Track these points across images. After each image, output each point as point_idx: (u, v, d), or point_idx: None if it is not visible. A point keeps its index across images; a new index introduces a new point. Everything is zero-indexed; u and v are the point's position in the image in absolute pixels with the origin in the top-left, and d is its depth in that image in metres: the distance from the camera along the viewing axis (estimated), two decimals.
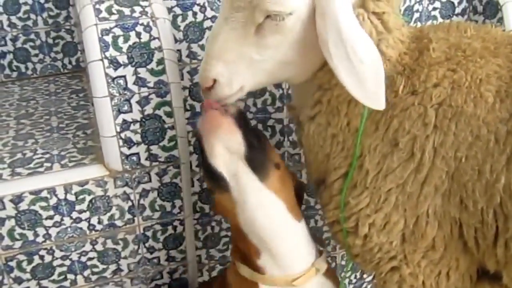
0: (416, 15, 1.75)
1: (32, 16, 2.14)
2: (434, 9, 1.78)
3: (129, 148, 1.53)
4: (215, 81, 1.22)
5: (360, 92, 1.12)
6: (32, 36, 2.17)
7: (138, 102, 1.49)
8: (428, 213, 1.20)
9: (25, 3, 2.12)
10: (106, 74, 1.45)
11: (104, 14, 1.47)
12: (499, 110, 1.12)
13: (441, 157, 1.15)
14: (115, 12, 1.48)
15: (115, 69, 1.45)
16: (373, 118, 1.22)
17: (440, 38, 1.24)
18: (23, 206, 1.50)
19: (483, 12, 1.78)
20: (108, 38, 1.44)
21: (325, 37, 1.11)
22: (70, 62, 2.24)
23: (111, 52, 1.45)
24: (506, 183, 1.10)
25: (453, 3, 1.80)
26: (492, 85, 1.14)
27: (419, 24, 1.77)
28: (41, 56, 2.21)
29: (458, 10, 1.81)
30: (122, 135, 1.50)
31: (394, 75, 1.21)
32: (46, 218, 1.53)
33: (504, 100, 1.12)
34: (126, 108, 1.48)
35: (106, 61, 1.45)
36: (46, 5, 2.14)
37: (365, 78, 1.11)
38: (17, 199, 1.49)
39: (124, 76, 1.46)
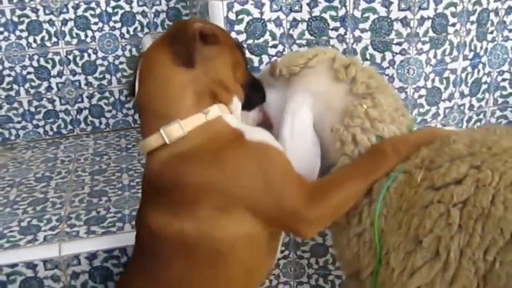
0: (484, 86, 1.78)
1: (107, 76, 2.33)
2: (503, 80, 1.79)
3: None
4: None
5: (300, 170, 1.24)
6: (107, 94, 2.36)
7: None
8: None
9: (101, 65, 2.31)
10: None
11: None
12: None
13: (468, 257, 1.05)
14: None
15: None
16: (396, 218, 1.19)
17: (461, 133, 1.21)
18: (96, 262, 1.64)
19: None
20: None
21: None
22: None
23: None
24: None
25: None
26: None
27: (486, 95, 1.78)
28: (114, 112, 2.39)
29: None
30: None
31: (412, 169, 1.19)
32: (117, 274, 1.67)
33: None
34: None
35: None
36: (120, 66, 2.33)
37: (304, 158, 1.27)
38: (91, 257, 1.63)
39: None
